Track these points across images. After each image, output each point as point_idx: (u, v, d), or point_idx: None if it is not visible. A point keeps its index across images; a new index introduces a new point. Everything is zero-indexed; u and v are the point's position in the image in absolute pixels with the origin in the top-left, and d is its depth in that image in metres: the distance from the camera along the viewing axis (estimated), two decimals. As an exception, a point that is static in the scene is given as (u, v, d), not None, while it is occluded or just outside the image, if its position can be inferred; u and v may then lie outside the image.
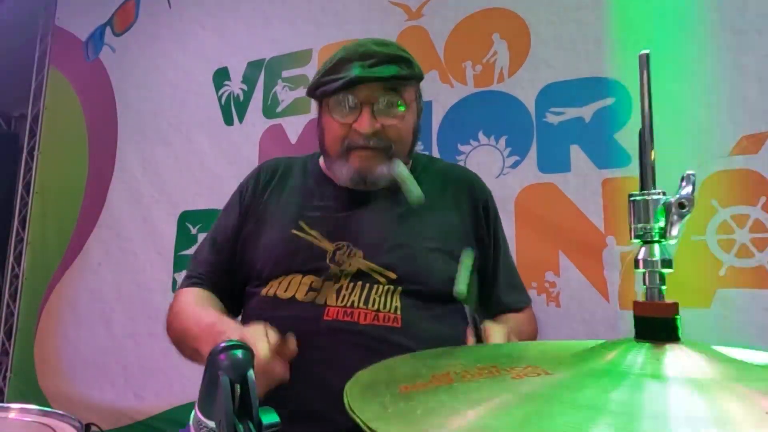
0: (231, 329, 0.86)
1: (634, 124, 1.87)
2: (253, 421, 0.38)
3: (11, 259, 3.50)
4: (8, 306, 3.43)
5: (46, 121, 3.46)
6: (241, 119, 2.69)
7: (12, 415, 0.75)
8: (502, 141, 2.08)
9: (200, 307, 1.03)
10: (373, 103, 0.99)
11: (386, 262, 0.99)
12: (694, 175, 0.49)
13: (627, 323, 1.87)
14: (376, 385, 0.45)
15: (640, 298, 0.50)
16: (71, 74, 3.40)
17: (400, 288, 0.98)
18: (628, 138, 1.87)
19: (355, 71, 0.97)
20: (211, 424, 0.41)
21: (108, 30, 3.28)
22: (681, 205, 0.47)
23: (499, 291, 1.13)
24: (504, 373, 0.46)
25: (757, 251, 1.64)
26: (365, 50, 1.00)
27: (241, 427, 0.37)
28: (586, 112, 1.95)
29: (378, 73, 0.97)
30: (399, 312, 0.96)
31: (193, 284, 1.10)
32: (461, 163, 2.12)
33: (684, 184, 0.48)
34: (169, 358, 2.61)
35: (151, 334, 2.70)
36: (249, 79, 2.70)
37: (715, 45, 1.79)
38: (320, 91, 1.02)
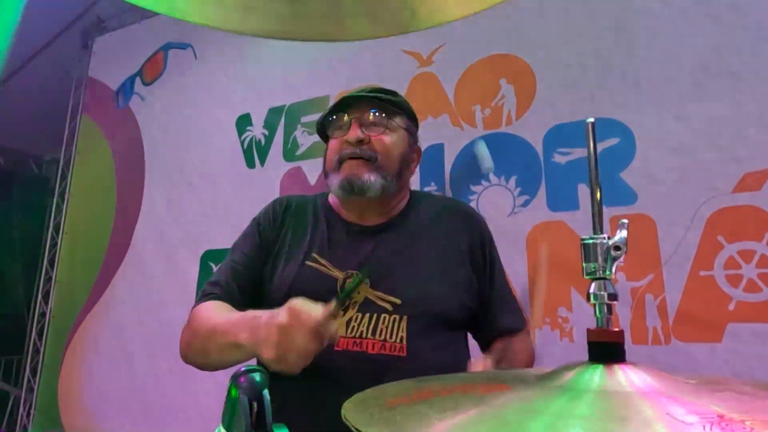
0: (265, 313, 0.89)
1: (638, 162, 1.95)
2: (267, 434, 0.45)
3: (39, 297, 3.61)
4: (35, 344, 3.52)
5: (77, 165, 3.64)
6: (262, 162, 2.82)
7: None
8: (512, 181, 2.15)
9: (224, 310, 1.06)
10: (360, 117, 1.14)
11: (390, 288, 1.07)
12: (627, 222, 0.57)
13: (638, 357, 1.88)
14: (368, 401, 0.54)
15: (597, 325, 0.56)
16: (102, 121, 3.59)
17: (405, 317, 1.04)
18: (632, 176, 1.93)
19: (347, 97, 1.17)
20: (233, 438, 0.46)
21: (138, 80, 3.48)
22: (616, 248, 0.54)
23: (495, 314, 1.17)
24: (476, 390, 0.54)
25: (764, 286, 1.67)
26: (357, 88, 1.19)
27: (257, 438, 0.43)
28: (592, 151, 2.02)
29: (364, 92, 1.16)
30: (404, 342, 1.03)
31: (210, 298, 1.10)
32: (474, 203, 2.19)
33: (619, 230, 0.56)
34: (187, 394, 2.66)
35: (171, 371, 2.75)
36: (270, 125, 2.84)
37: (715, 88, 1.86)
38: (322, 122, 1.21)
